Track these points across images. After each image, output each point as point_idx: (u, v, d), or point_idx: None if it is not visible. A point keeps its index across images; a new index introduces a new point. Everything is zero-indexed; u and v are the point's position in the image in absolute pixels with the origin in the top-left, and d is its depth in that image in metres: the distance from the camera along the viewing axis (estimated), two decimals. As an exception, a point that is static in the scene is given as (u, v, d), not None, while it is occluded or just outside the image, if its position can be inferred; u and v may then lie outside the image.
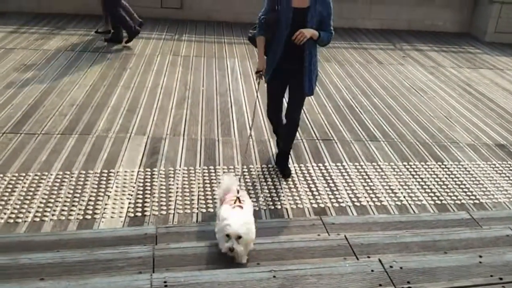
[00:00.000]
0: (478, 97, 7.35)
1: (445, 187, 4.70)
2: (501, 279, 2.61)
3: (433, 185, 4.72)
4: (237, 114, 5.91)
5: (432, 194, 4.54)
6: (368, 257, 2.85)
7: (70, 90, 6.24)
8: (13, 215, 3.77)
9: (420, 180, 4.79)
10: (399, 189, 4.59)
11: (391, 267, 2.63)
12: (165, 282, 2.44)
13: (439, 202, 4.42)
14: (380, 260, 2.68)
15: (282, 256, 2.90)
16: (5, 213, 3.79)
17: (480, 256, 2.79)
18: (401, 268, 2.63)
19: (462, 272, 2.64)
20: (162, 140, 5.11)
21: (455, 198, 4.52)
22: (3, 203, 3.91)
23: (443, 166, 5.11)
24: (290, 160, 4.80)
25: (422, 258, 2.76)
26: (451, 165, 5.15)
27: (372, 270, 2.60)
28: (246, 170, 4.65)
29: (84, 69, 6.97)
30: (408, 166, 5.04)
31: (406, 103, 6.82)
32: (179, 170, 4.57)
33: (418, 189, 4.63)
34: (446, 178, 4.87)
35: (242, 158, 4.80)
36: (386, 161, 5.10)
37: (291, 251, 2.96)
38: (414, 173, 4.92)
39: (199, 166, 4.66)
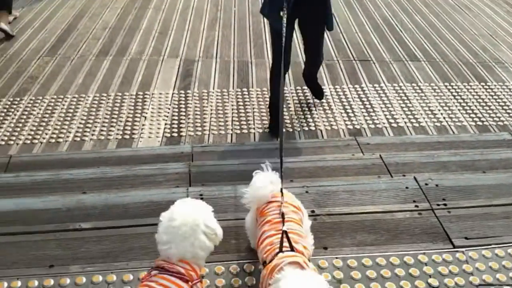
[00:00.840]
0: (528, 14, 6.86)
1: (487, 108, 4.51)
2: (543, 197, 2.55)
3: (475, 106, 4.54)
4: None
5: (474, 115, 4.38)
6: (404, 175, 2.82)
7: (102, 13, 6.19)
8: (54, 135, 3.90)
9: (461, 101, 4.61)
10: (439, 110, 4.45)
11: (426, 184, 2.59)
12: (201, 195, 2.51)
13: (480, 123, 4.27)
14: (415, 178, 2.64)
15: (315, 174, 2.91)
16: (46, 134, 3.92)
17: (522, 175, 2.72)
18: (436, 185, 2.59)
19: (502, 190, 2.58)
20: (195, 62, 5.07)
21: (497, 119, 4.35)
22: (44, 124, 4.04)
23: (486, 87, 4.88)
24: (325, 81, 4.69)
25: (459, 176, 2.71)
26: (495, 85, 4.92)
27: (407, 187, 2.57)
28: (260, 91, 4.58)
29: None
30: (450, 87, 4.84)
31: (450, 21, 6.44)
32: (213, 92, 4.55)
33: (459, 110, 4.47)
34: (489, 99, 4.67)
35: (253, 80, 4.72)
36: (426, 82, 4.91)
37: (324, 170, 2.96)
38: (455, 93, 4.73)
39: (232, 88, 4.62)
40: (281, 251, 1.68)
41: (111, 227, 2.31)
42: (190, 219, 1.71)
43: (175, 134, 3.94)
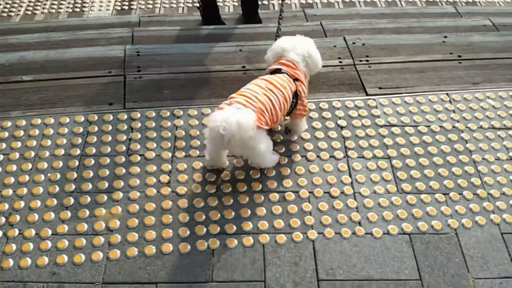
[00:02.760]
0: None
1: (441, -15, 4.55)
2: (459, 56, 2.73)
3: (429, -17, 4.57)
4: None
5: (426, -8, 4.44)
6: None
7: None
8: (6, 10, 3.89)
9: (416, -22, 4.63)
10: (392, -14, 4.47)
11: (353, 43, 2.75)
12: (137, 52, 2.64)
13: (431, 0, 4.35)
14: (344, 38, 2.79)
15: (253, 38, 3.02)
16: (-3, 6, 3.91)
17: (445, 37, 2.87)
18: (363, 44, 2.75)
19: (423, 49, 2.75)
20: None
21: (448, -4, 4.42)
22: (-6, -3, 4.01)
23: (444, -35, 4.87)
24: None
25: (386, 36, 2.86)
26: (454, -37, 4.90)
27: (335, 46, 2.73)
28: None
29: None
30: (407, -35, 4.82)
31: None
32: (167, -34, 4.48)
33: (412, -13, 4.50)
34: (444, -24, 4.69)
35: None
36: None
37: (263, 35, 3.06)
38: (411, -29, 4.73)
39: (188, -37, 4.54)
40: None
41: (51, 79, 2.46)
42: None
43: (126, 7, 3.96)
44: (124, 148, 2.14)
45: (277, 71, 2.04)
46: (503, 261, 1.80)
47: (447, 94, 2.47)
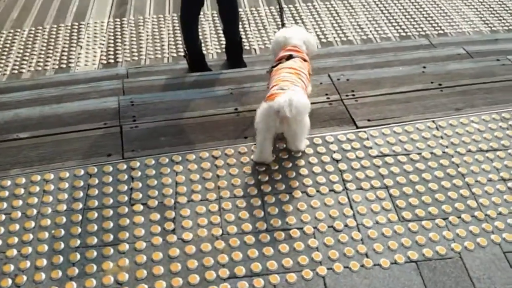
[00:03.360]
0: None
1: (412, 20, 4.78)
2: (440, 84, 2.85)
3: (400, 19, 4.79)
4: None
5: (398, 27, 4.65)
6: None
7: None
8: (-9, 69, 3.94)
9: (388, 14, 4.85)
10: (367, 24, 4.69)
11: (338, 79, 2.86)
12: (132, 101, 2.69)
13: (404, 34, 4.55)
14: (329, 75, 2.90)
15: (241, 81, 3.11)
16: (-17, 68, 3.95)
17: (424, 67, 3.01)
18: (347, 80, 2.86)
19: (405, 80, 2.88)
20: (130, -10, 5.07)
21: (420, 29, 4.63)
22: (-20, 58, 4.06)
23: (413, 1, 5.13)
24: (260, 3, 4.81)
25: (368, 71, 2.98)
26: (421, -2, 5.17)
27: (321, 83, 2.83)
28: (216, 13, 4.69)
29: None
30: (378, 2, 5.06)
31: None
32: (149, 18, 4.62)
33: (385, 23, 4.71)
34: (414, 11, 4.93)
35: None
36: (356, -1, 5.11)
37: (250, 77, 3.15)
38: (383, 8, 4.96)
39: (169, 14, 4.70)
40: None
41: (47, 135, 2.49)
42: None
43: (112, 61, 4.04)
44: (126, 198, 2.16)
45: (290, 57, 2.42)
46: (509, 280, 1.85)
47: (433, 121, 2.57)
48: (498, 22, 4.83)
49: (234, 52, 3.60)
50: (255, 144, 2.36)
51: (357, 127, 2.51)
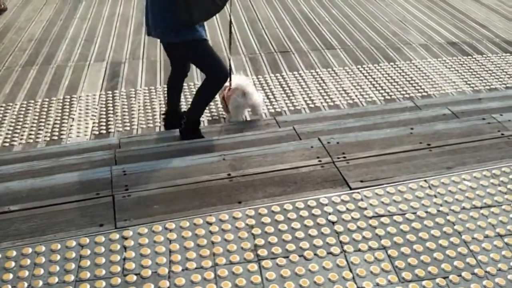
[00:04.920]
0: (434, 1, 7.48)
1: (395, 84, 4.95)
2: (429, 144, 2.91)
3: (384, 83, 4.97)
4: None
5: (383, 91, 4.80)
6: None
7: (27, 27, 6.23)
8: (-17, 143, 3.94)
9: (372, 80, 5.03)
10: (352, 89, 4.84)
11: (328, 143, 2.90)
12: (124, 171, 2.69)
13: (388, 97, 4.69)
14: (319, 138, 2.94)
15: (234, 147, 3.15)
16: (-26, 142, 3.96)
17: (412, 129, 3.08)
18: (337, 143, 2.91)
19: (394, 142, 2.93)
20: (122, 64, 5.23)
21: (404, 92, 4.79)
22: (-29, 133, 4.07)
23: (395, 66, 5.34)
24: (248, 72, 4.96)
25: (358, 134, 3.04)
26: (403, 64, 5.39)
27: (312, 146, 2.87)
28: None
29: (39, 5, 6.90)
30: (362, 69, 5.26)
31: (363, 11, 6.95)
32: (140, 90, 4.73)
33: (369, 88, 4.87)
34: (397, 76, 5.12)
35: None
36: (341, 66, 5.31)
37: (242, 143, 3.20)
38: (367, 74, 5.15)
39: (160, 85, 4.82)
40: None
41: (38, 207, 2.45)
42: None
43: (104, 131, 4.08)
44: (119, 268, 2.10)
45: None
46: None
47: (425, 180, 2.59)
48: (480, 82, 5.02)
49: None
50: (249, 208, 2.36)
51: (351, 188, 2.52)
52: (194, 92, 3.68)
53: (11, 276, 2.06)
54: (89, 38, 5.87)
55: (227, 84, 3.65)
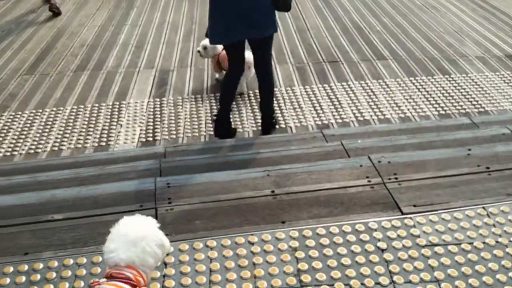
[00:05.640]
0: (492, 11, 7.13)
1: (450, 98, 4.72)
2: (488, 168, 2.72)
3: (439, 97, 4.74)
4: (244, 43, 5.96)
5: (437, 105, 4.58)
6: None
7: (80, 32, 6.39)
8: (33, 147, 4.04)
9: (425, 93, 4.82)
10: (403, 102, 4.65)
11: (379, 162, 2.77)
12: (168, 183, 2.66)
13: (443, 112, 4.47)
14: (369, 157, 2.81)
15: (278, 161, 3.06)
16: (25, 145, 4.06)
17: (469, 150, 2.89)
18: (389, 162, 2.77)
19: (450, 163, 2.76)
20: (170, 72, 5.25)
21: (459, 108, 4.56)
22: (23, 136, 4.18)
23: (450, 79, 5.10)
24: (295, 83, 4.87)
25: (411, 153, 2.88)
26: (458, 77, 5.14)
27: (361, 165, 2.74)
28: (252, 94, 4.77)
29: (92, 11, 7.08)
30: (415, 81, 5.05)
31: (416, 20, 6.70)
32: (187, 98, 4.73)
33: (423, 101, 4.67)
34: (452, 90, 4.88)
35: (248, 84, 4.90)
36: (392, 78, 5.12)
37: (287, 158, 3.11)
38: (420, 87, 4.94)
39: (206, 94, 4.80)
40: None
41: (82, 217, 2.46)
42: (139, 227, 1.73)
43: (150, 139, 4.10)
44: (158, 286, 2.06)
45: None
46: None
47: (483, 208, 2.42)
48: (543, 99, 4.72)
49: (267, 128, 3.94)
50: (293, 229, 2.27)
51: (402, 213, 2.38)
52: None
53: (51, 287, 2.06)
54: (139, 44, 5.95)
55: (221, 46, 4.17)
